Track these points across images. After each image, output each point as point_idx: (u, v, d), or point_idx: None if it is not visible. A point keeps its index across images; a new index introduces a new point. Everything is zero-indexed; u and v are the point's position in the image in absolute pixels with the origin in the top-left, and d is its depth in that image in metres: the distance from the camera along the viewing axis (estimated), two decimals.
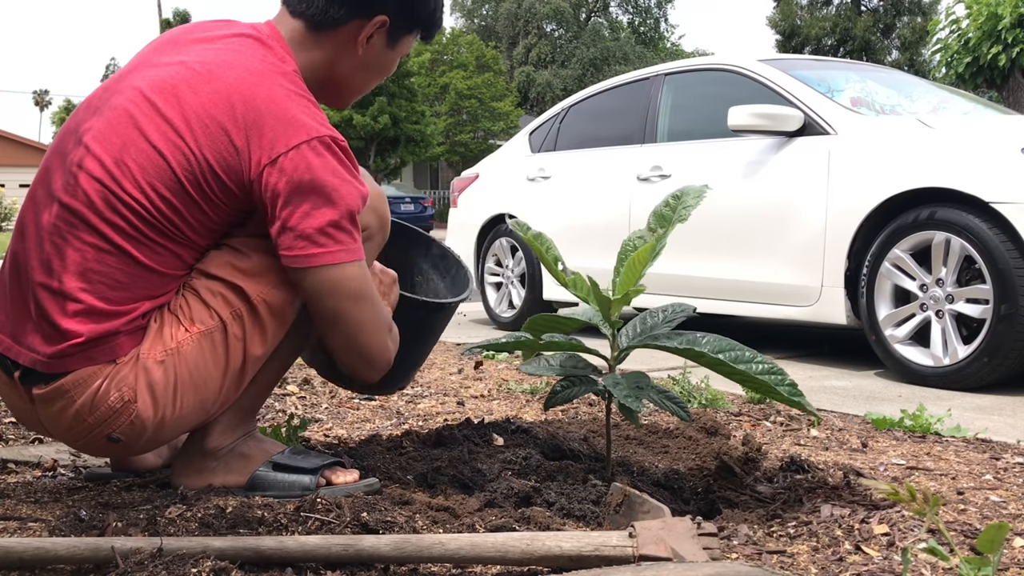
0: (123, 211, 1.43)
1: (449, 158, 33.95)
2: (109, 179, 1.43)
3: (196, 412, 1.53)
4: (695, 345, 1.61)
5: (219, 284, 1.51)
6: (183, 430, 1.58)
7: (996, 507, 1.59)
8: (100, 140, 1.46)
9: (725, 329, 4.95)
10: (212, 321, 1.49)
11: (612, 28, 45.02)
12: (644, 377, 1.69)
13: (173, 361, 1.47)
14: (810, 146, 3.67)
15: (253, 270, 1.52)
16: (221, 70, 1.49)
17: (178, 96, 1.47)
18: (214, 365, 1.50)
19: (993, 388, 3.11)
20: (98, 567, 1.18)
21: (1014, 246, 3.01)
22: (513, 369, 3.38)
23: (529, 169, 5.18)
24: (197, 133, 1.44)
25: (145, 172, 1.43)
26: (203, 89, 1.47)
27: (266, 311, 1.53)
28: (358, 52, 1.65)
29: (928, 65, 19.18)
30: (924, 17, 35.32)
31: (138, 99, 1.48)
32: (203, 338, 1.49)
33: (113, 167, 1.43)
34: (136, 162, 1.44)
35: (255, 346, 1.53)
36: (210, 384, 1.51)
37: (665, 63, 4.93)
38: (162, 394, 1.47)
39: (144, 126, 1.45)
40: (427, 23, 1.73)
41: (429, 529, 1.40)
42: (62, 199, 1.45)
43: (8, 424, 2.33)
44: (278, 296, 1.53)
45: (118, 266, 1.44)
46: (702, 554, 1.21)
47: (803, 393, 1.58)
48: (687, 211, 1.67)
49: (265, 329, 1.54)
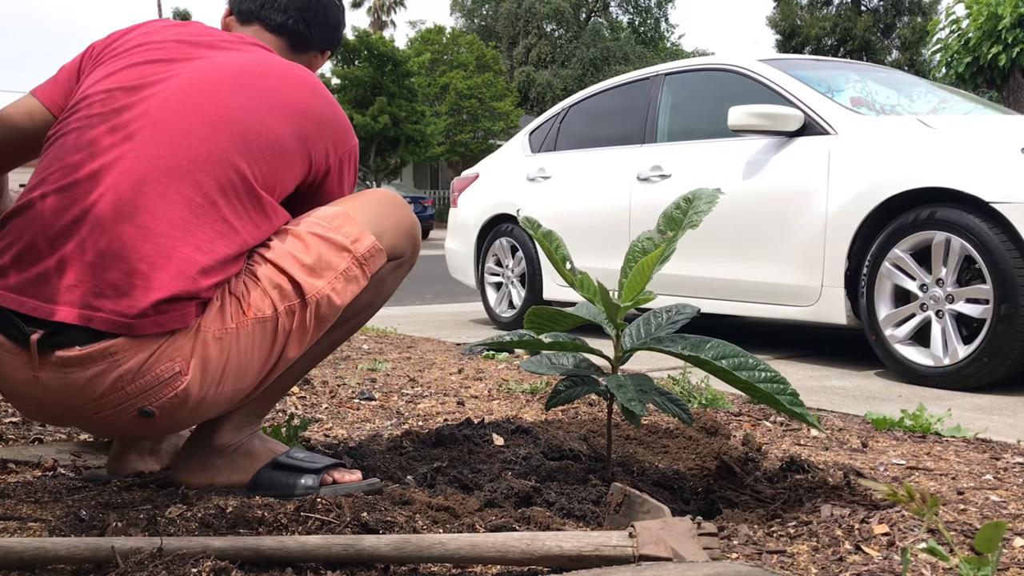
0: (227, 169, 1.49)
1: (449, 158, 33.94)
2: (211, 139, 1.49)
3: (227, 401, 1.53)
4: (699, 351, 1.61)
5: (280, 275, 1.51)
6: (206, 417, 1.56)
7: (996, 507, 1.59)
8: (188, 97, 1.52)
9: (725, 329, 4.96)
10: (269, 311, 1.49)
11: (612, 28, 45.02)
12: (647, 380, 1.69)
13: (229, 341, 1.46)
14: (810, 146, 3.67)
15: (314, 267, 1.53)
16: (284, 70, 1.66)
17: (269, 81, 1.60)
18: (259, 355, 1.50)
19: (993, 388, 3.11)
20: (98, 567, 1.18)
21: (1014, 246, 3.01)
22: (513, 369, 3.38)
23: (529, 169, 5.18)
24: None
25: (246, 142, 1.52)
26: (288, 85, 1.63)
27: (315, 312, 1.54)
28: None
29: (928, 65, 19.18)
30: (924, 17, 35.32)
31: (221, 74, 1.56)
32: (257, 325, 1.48)
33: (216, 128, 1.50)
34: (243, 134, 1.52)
35: (294, 344, 1.54)
36: (248, 375, 1.51)
37: (665, 63, 4.93)
38: (212, 373, 1.45)
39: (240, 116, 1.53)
40: (335, 45, 1.93)
41: (429, 529, 1.40)
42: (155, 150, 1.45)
43: (8, 424, 2.33)
44: (330, 300, 1.55)
45: (211, 224, 1.44)
46: (702, 554, 1.21)
47: (804, 404, 1.58)
48: (698, 216, 1.66)
49: (307, 330, 1.55)
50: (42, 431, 2.27)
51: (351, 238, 1.58)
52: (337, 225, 1.58)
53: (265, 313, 1.49)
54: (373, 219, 1.62)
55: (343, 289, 1.56)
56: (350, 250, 1.57)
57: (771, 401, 1.57)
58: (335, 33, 1.88)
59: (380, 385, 2.99)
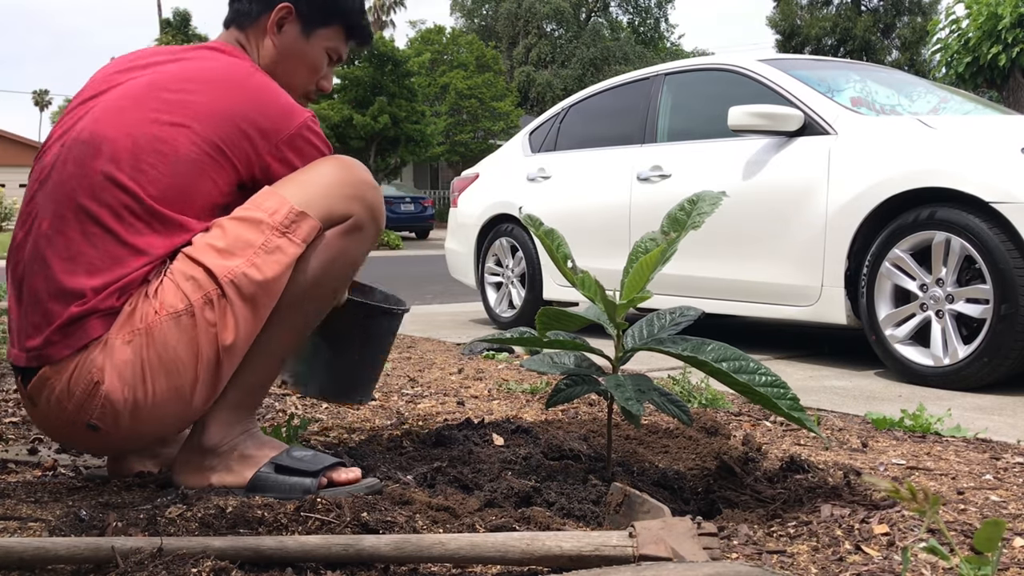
0: (119, 195, 1.53)
1: (449, 158, 33.94)
2: (114, 168, 1.53)
3: (174, 401, 1.52)
4: (699, 353, 1.61)
5: (195, 267, 1.51)
6: (167, 422, 1.56)
7: (996, 507, 1.59)
8: (102, 123, 1.58)
9: (725, 328, 4.95)
10: (180, 304, 1.49)
11: (612, 28, 45.01)
12: (646, 380, 1.69)
13: (141, 342, 1.48)
14: (810, 146, 3.67)
15: (227, 249, 1.52)
16: (207, 68, 1.66)
17: (178, 91, 1.60)
18: (185, 351, 1.49)
19: (993, 388, 3.11)
20: (98, 567, 1.18)
21: (1014, 246, 3.01)
22: (513, 369, 3.38)
23: (529, 169, 5.18)
24: (207, 122, 1.58)
25: (153, 158, 1.55)
26: (202, 86, 1.61)
27: (235, 293, 1.51)
28: (273, 41, 1.78)
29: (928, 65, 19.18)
30: (924, 17, 35.32)
31: (140, 91, 1.60)
32: (172, 321, 1.49)
33: (122, 156, 1.54)
34: (148, 150, 1.55)
35: (226, 333, 1.51)
36: (183, 371, 1.50)
37: (665, 63, 4.93)
38: (130, 375, 1.48)
39: (159, 132, 1.57)
40: (344, 17, 1.83)
41: (429, 529, 1.40)
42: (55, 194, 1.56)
43: (8, 424, 2.33)
44: (248, 277, 1.51)
45: (105, 247, 1.52)
46: (702, 554, 1.21)
47: (803, 409, 1.58)
48: (701, 218, 1.67)
49: (239, 315, 1.51)
50: (42, 431, 2.27)
51: (269, 211, 1.55)
52: (259, 203, 1.57)
53: (177, 307, 1.50)
54: (300, 187, 1.58)
55: (264, 263, 1.52)
56: (267, 222, 1.54)
57: (770, 405, 1.57)
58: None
59: (380, 385, 2.98)
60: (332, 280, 1.62)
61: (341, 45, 1.86)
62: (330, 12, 1.81)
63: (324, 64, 1.86)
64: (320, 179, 1.60)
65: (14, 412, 2.48)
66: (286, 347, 1.64)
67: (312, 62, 1.83)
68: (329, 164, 1.64)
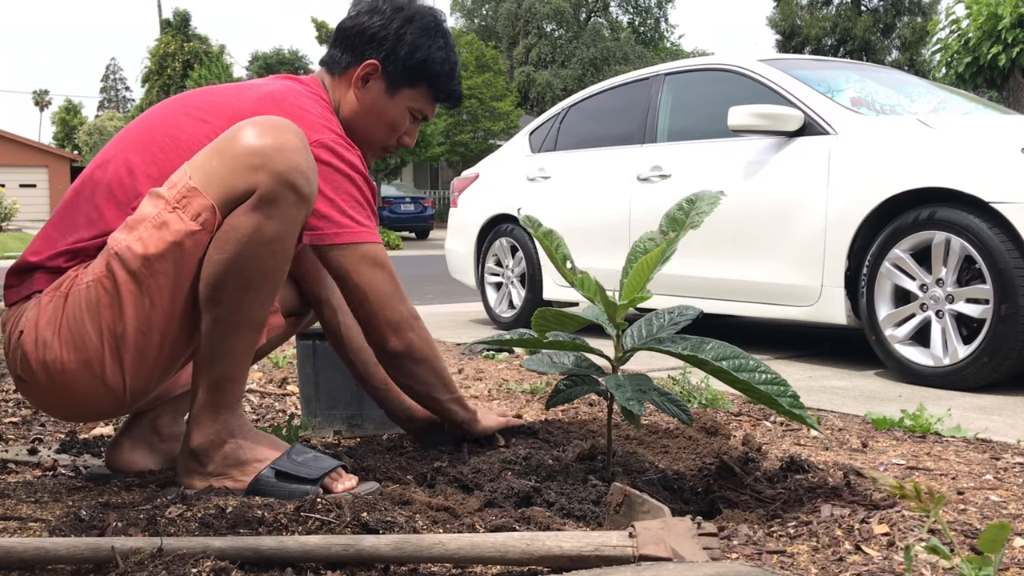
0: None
1: (449, 158, 33.93)
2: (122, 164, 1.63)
3: (83, 372, 1.52)
4: (699, 352, 1.60)
5: (112, 238, 1.55)
6: (83, 393, 1.55)
7: (996, 507, 1.59)
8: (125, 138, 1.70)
9: (725, 328, 4.95)
10: (91, 276, 1.53)
11: (612, 28, 44.99)
12: (647, 380, 1.68)
13: (58, 304, 1.54)
14: (810, 146, 3.67)
15: (130, 222, 1.53)
16: (258, 86, 1.76)
17: (218, 101, 1.70)
18: (89, 320, 1.51)
19: (993, 388, 3.11)
20: (98, 567, 1.18)
21: (1014, 246, 3.01)
22: (513, 369, 3.37)
23: (529, 169, 5.18)
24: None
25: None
26: (242, 96, 1.72)
27: (119, 267, 1.49)
28: (356, 95, 1.82)
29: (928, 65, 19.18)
30: (924, 17, 35.31)
31: (185, 102, 1.73)
32: (85, 290, 1.52)
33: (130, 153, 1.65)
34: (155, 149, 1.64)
35: (127, 308, 1.49)
36: (89, 343, 1.51)
37: (665, 63, 4.92)
38: (42, 332, 1.53)
39: (183, 124, 1.67)
40: (431, 80, 1.83)
41: (429, 529, 1.40)
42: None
43: (8, 424, 2.33)
44: (131, 250, 1.49)
45: (85, 212, 1.61)
46: (702, 554, 1.21)
47: (804, 406, 1.58)
48: (700, 217, 1.66)
49: (120, 288, 1.49)
50: (42, 431, 2.28)
51: (169, 185, 1.53)
52: (169, 181, 1.55)
53: (87, 278, 1.53)
54: (205, 160, 1.51)
55: (150, 236, 1.48)
56: (164, 196, 1.51)
57: (770, 403, 1.57)
58: (369, 44, 1.80)
59: None
60: (253, 262, 1.49)
61: (427, 107, 1.85)
62: (417, 74, 1.82)
63: (406, 122, 1.87)
64: (227, 150, 1.50)
65: (14, 412, 2.48)
66: (240, 336, 1.54)
67: (392, 120, 1.85)
68: (241, 132, 1.51)
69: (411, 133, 1.90)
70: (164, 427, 1.82)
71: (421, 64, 1.81)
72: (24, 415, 2.44)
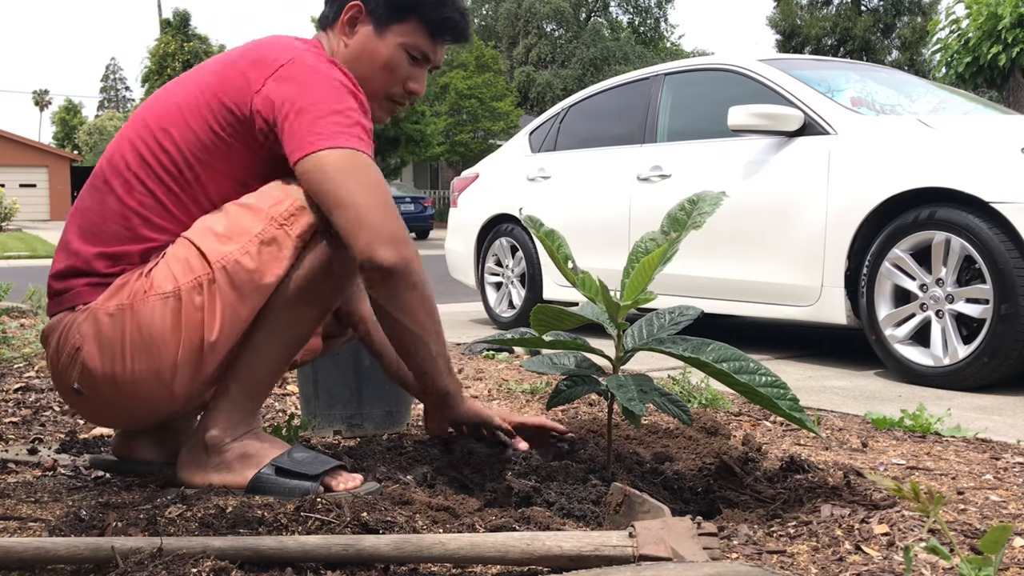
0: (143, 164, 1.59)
1: (449, 158, 33.92)
2: (137, 138, 1.60)
3: (152, 381, 1.52)
4: (699, 353, 1.60)
5: (190, 248, 1.52)
6: (148, 402, 1.57)
7: (996, 507, 1.59)
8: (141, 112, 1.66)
9: (725, 328, 4.95)
10: (169, 286, 1.50)
11: (612, 28, 44.98)
12: (648, 380, 1.68)
13: (124, 317, 1.50)
14: (810, 146, 3.67)
15: (225, 234, 1.51)
16: (245, 44, 1.68)
17: (204, 64, 1.67)
18: (170, 332, 1.49)
19: (993, 388, 3.11)
20: (98, 567, 1.18)
21: (1014, 246, 3.01)
22: (513, 369, 3.37)
23: (529, 169, 5.18)
24: (209, 79, 1.60)
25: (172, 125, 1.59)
26: (228, 53, 1.66)
27: (224, 280, 1.49)
28: (345, 42, 1.71)
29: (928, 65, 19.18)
30: (924, 17, 35.30)
31: (181, 76, 1.69)
32: (159, 301, 1.49)
33: (142, 127, 1.61)
34: (163, 117, 1.60)
35: (211, 319, 1.49)
36: (164, 352, 1.50)
37: (665, 63, 4.92)
38: (109, 347, 1.50)
39: (175, 91, 1.63)
40: (418, 10, 1.69)
41: (429, 529, 1.40)
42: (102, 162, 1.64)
43: (8, 424, 2.33)
44: (240, 265, 1.49)
45: (114, 212, 1.58)
46: (702, 554, 1.21)
47: (803, 409, 1.58)
48: (702, 218, 1.66)
49: (227, 303, 1.49)
50: (42, 431, 2.28)
51: (272, 201, 1.53)
52: (266, 191, 1.55)
53: (165, 289, 1.50)
54: None
55: (258, 253, 1.49)
56: (267, 212, 1.52)
57: (770, 405, 1.56)
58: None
59: None
60: (332, 281, 1.57)
61: (423, 42, 1.71)
62: (401, 6, 1.69)
63: (404, 64, 1.72)
64: None
65: (14, 412, 2.48)
66: (287, 348, 1.62)
67: (386, 61, 1.71)
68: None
69: (416, 78, 1.75)
70: (172, 421, 1.81)
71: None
72: (24, 415, 2.44)
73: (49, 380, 2.94)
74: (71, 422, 2.38)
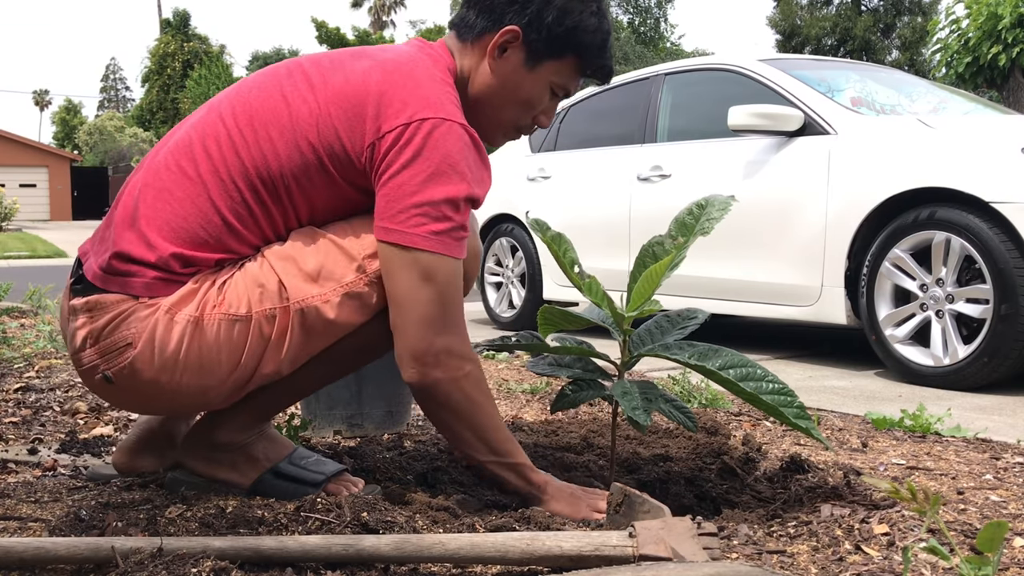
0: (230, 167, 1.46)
1: None
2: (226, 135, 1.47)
3: (194, 394, 1.46)
4: (705, 360, 1.59)
5: (271, 276, 1.44)
6: (176, 408, 1.55)
7: (996, 507, 1.59)
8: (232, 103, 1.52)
9: (725, 328, 4.95)
10: (241, 310, 1.42)
11: (612, 28, 44.98)
12: (653, 387, 1.67)
13: (187, 329, 1.41)
14: (810, 146, 3.67)
15: (312, 273, 1.44)
16: (367, 53, 1.53)
17: (324, 71, 1.50)
18: (227, 356, 1.43)
19: (993, 388, 3.11)
20: (98, 567, 1.18)
21: (1014, 246, 3.01)
22: (513, 369, 3.37)
23: (529, 169, 5.18)
24: (331, 105, 1.46)
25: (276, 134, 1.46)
26: (352, 66, 1.49)
27: (299, 321, 1.43)
28: (491, 66, 1.56)
29: (928, 65, 19.17)
30: (924, 17, 35.29)
31: (291, 69, 1.52)
32: (226, 322, 1.42)
33: (234, 128, 1.47)
34: (268, 120, 1.46)
35: (275, 353, 1.44)
36: (216, 373, 1.44)
37: (665, 63, 4.93)
38: (163, 355, 1.41)
39: (288, 94, 1.48)
40: (580, 51, 1.56)
41: (429, 529, 1.40)
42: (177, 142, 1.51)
43: (8, 424, 2.33)
44: (319, 313, 1.44)
45: (197, 211, 1.45)
46: (702, 554, 1.21)
47: (810, 417, 1.56)
48: (710, 223, 1.63)
49: (291, 341, 1.44)
50: (42, 431, 2.28)
51: (367, 248, 1.46)
52: (363, 230, 1.47)
53: (238, 311, 1.42)
54: None
55: (340, 304, 1.44)
56: (360, 263, 1.45)
57: (776, 414, 1.55)
58: (510, 7, 1.53)
59: None
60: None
61: (571, 81, 1.61)
62: (565, 44, 1.55)
63: (544, 99, 1.61)
64: None
65: (14, 412, 2.48)
66: (320, 383, 1.62)
67: (529, 96, 1.59)
68: None
69: (548, 112, 1.64)
70: (178, 435, 1.77)
71: (570, 32, 1.54)
72: (24, 415, 2.45)
73: (49, 380, 2.94)
74: (71, 422, 2.39)
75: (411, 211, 1.41)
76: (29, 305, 5.39)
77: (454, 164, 1.42)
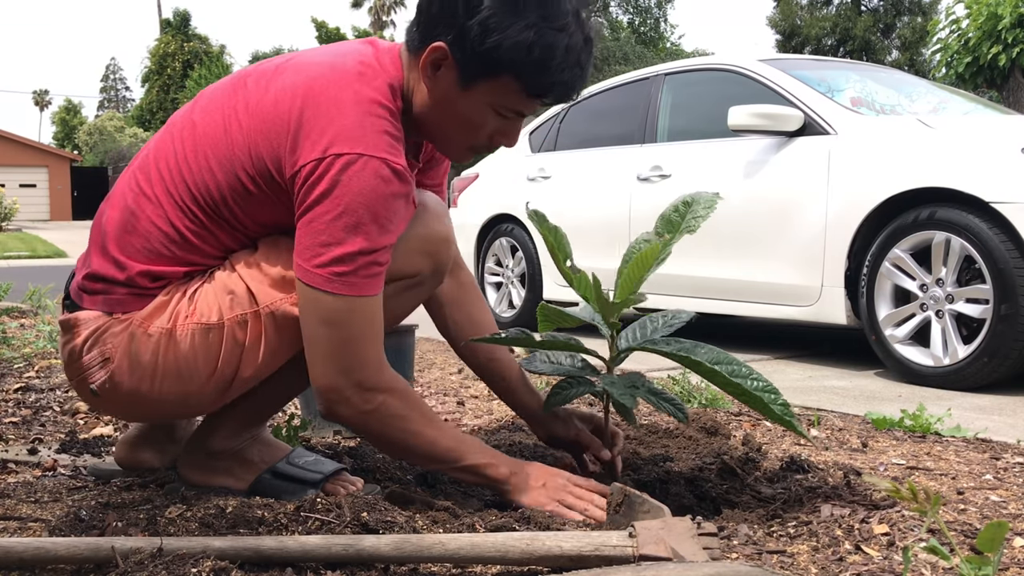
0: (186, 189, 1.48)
1: None
2: (183, 160, 1.48)
3: (177, 403, 1.51)
4: (692, 353, 1.60)
5: (239, 283, 1.47)
6: (164, 414, 1.59)
7: (996, 507, 1.59)
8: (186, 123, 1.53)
9: (726, 328, 4.95)
10: (213, 318, 1.46)
11: (612, 28, 44.97)
12: (640, 377, 1.69)
13: (161, 340, 1.46)
14: (810, 146, 3.67)
15: (276, 280, 1.46)
16: (306, 62, 1.47)
17: (261, 88, 1.46)
18: (203, 362, 1.46)
19: (993, 388, 3.11)
20: (98, 567, 1.18)
21: (1014, 246, 3.01)
22: None
23: (529, 169, 5.18)
24: (257, 123, 1.44)
25: (214, 154, 1.47)
26: (282, 83, 1.45)
27: (271, 323, 1.46)
28: (426, 84, 1.45)
29: (928, 65, 19.18)
30: (924, 17, 35.29)
31: (237, 85, 1.51)
32: (199, 331, 1.46)
33: (190, 150, 1.48)
34: (207, 146, 1.47)
35: (251, 356, 1.48)
36: (195, 379, 1.48)
37: (665, 63, 4.93)
38: (140, 367, 1.46)
39: (227, 117, 1.47)
40: (514, 68, 1.40)
41: (429, 529, 1.40)
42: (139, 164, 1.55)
43: (8, 424, 2.33)
44: (290, 314, 1.45)
45: (157, 230, 1.48)
46: (702, 554, 1.21)
47: (795, 414, 1.58)
48: (696, 221, 1.64)
49: (266, 344, 1.47)
50: (42, 431, 2.28)
51: None
52: None
53: (210, 320, 1.46)
54: None
55: None
56: None
57: (762, 407, 1.56)
58: (439, 20, 1.40)
59: None
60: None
61: (516, 100, 1.45)
62: (495, 63, 1.39)
63: (489, 121, 1.48)
64: (403, 235, 1.46)
65: (14, 412, 2.48)
66: (307, 381, 1.61)
67: (469, 117, 1.47)
68: (417, 215, 1.49)
69: (505, 131, 1.51)
70: (178, 431, 1.81)
71: (498, 49, 1.37)
72: (24, 415, 2.45)
73: (49, 380, 2.94)
74: (71, 422, 2.39)
75: (317, 249, 1.38)
76: (29, 305, 5.39)
77: (368, 203, 1.36)
